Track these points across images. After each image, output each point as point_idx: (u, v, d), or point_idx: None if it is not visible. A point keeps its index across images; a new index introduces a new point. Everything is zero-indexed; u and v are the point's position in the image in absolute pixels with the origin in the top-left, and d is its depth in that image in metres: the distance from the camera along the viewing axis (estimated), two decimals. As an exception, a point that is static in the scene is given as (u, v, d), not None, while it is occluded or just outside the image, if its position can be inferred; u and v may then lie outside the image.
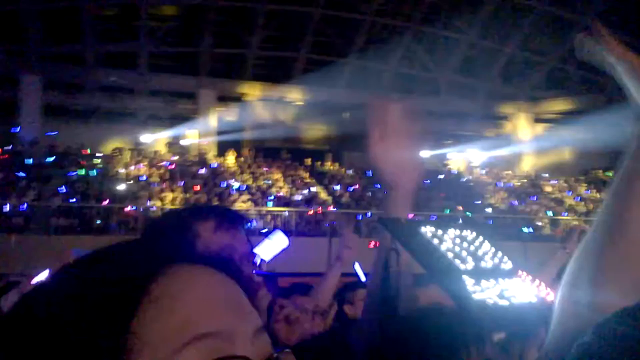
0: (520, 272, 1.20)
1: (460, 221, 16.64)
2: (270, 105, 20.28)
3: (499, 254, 1.24)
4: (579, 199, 20.67)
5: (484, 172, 22.43)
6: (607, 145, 19.65)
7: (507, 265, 1.23)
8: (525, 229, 17.15)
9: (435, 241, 1.18)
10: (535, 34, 23.00)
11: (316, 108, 21.41)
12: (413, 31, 21.93)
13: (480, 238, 1.27)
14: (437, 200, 18.32)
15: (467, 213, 17.68)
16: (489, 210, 18.66)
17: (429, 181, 20.40)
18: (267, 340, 0.56)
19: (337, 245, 2.92)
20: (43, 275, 3.23)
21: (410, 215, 1.31)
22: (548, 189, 21.31)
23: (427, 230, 1.20)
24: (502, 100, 23.77)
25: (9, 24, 17.95)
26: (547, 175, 22.46)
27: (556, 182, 21.99)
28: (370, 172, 20.58)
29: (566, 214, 19.08)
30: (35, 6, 17.84)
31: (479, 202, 18.99)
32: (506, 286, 1.14)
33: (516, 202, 19.09)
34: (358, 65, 21.85)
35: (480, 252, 1.23)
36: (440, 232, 1.21)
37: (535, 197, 20.13)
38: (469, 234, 1.26)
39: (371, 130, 1.40)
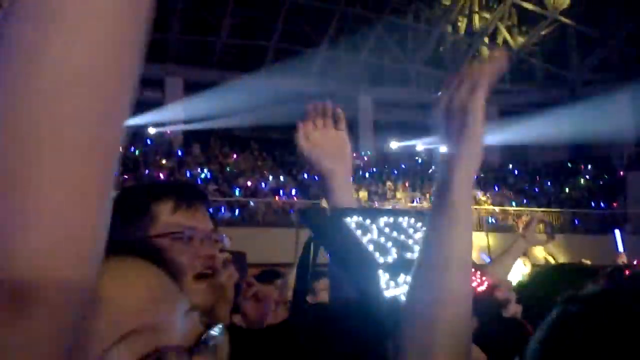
0: None
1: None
2: (239, 94, 20.09)
3: None
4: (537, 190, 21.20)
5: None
6: (571, 138, 20.25)
7: None
8: (489, 220, 17.47)
9: (359, 232, 1.09)
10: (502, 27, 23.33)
11: (286, 98, 21.33)
12: (384, 22, 21.99)
13: (418, 225, 1.19)
14: (402, 191, 18.51)
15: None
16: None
17: (395, 172, 20.62)
18: (196, 320, 0.57)
19: (305, 236, 2.81)
20: None
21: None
22: (511, 180, 21.74)
23: (353, 220, 1.11)
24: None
25: None
26: (510, 166, 22.88)
27: (519, 173, 22.45)
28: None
29: (529, 204, 19.52)
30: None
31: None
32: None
33: (480, 194, 19.41)
34: (329, 55, 21.83)
35: (410, 242, 1.14)
36: (368, 221, 1.12)
37: (498, 188, 20.52)
38: (405, 220, 1.18)
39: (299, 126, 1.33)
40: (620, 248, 7.98)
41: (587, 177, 22.17)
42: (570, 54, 23.43)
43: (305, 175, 19.07)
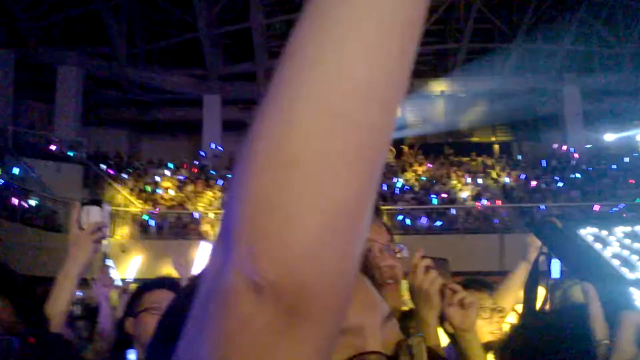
0: None
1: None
2: (431, 99, 19.92)
3: None
4: None
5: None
6: None
7: None
8: None
9: (598, 245, 1.03)
10: None
11: (480, 99, 20.57)
12: (586, 4, 19.91)
13: None
14: (625, 188, 16.43)
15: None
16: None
17: (614, 166, 18.44)
18: (396, 326, 0.58)
19: (510, 242, 2.74)
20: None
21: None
22: None
23: (588, 232, 1.05)
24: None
25: (192, 50, 20.13)
26: None
27: None
28: (545, 161, 19.22)
29: None
30: (212, 32, 19.75)
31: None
32: None
33: None
34: (525, 49, 20.50)
35: None
36: (604, 232, 1.05)
37: None
38: None
39: None
40: None
41: None
42: None
43: (507, 179, 18.08)
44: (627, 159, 18.88)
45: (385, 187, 16.88)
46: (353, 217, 0.37)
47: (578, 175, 17.95)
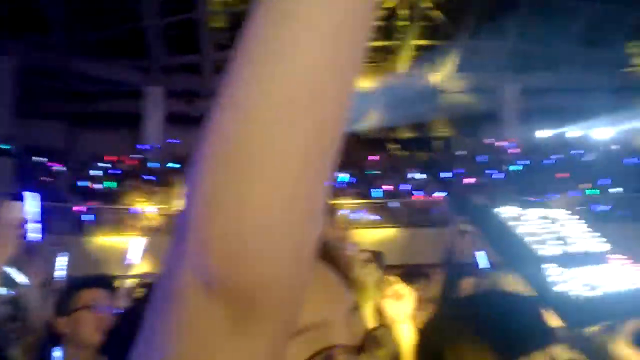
0: (615, 256, 1.09)
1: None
2: (374, 95, 20.10)
3: (593, 235, 1.11)
4: None
5: (613, 148, 20.49)
6: None
7: (602, 247, 1.10)
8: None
9: (514, 223, 1.07)
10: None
11: (423, 95, 20.92)
12: (529, 3, 20.49)
13: (573, 218, 1.14)
14: (557, 182, 17.08)
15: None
16: (620, 189, 17.06)
17: (551, 161, 19.15)
18: (361, 318, 0.58)
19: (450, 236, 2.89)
20: None
21: None
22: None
23: (505, 211, 1.09)
24: (632, 70, 21.51)
25: (133, 40, 19.62)
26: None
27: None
28: (484, 157, 19.74)
29: None
30: (156, 22, 19.30)
31: (607, 181, 17.40)
32: (595, 274, 1.02)
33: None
34: (467, 47, 20.96)
35: (570, 235, 1.09)
36: (521, 212, 1.09)
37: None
38: (559, 214, 1.13)
39: None
40: None
41: None
42: None
43: (450, 174, 18.48)
44: (561, 155, 19.65)
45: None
46: (306, 212, 0.38)
47: (515, 170, 18.55)
